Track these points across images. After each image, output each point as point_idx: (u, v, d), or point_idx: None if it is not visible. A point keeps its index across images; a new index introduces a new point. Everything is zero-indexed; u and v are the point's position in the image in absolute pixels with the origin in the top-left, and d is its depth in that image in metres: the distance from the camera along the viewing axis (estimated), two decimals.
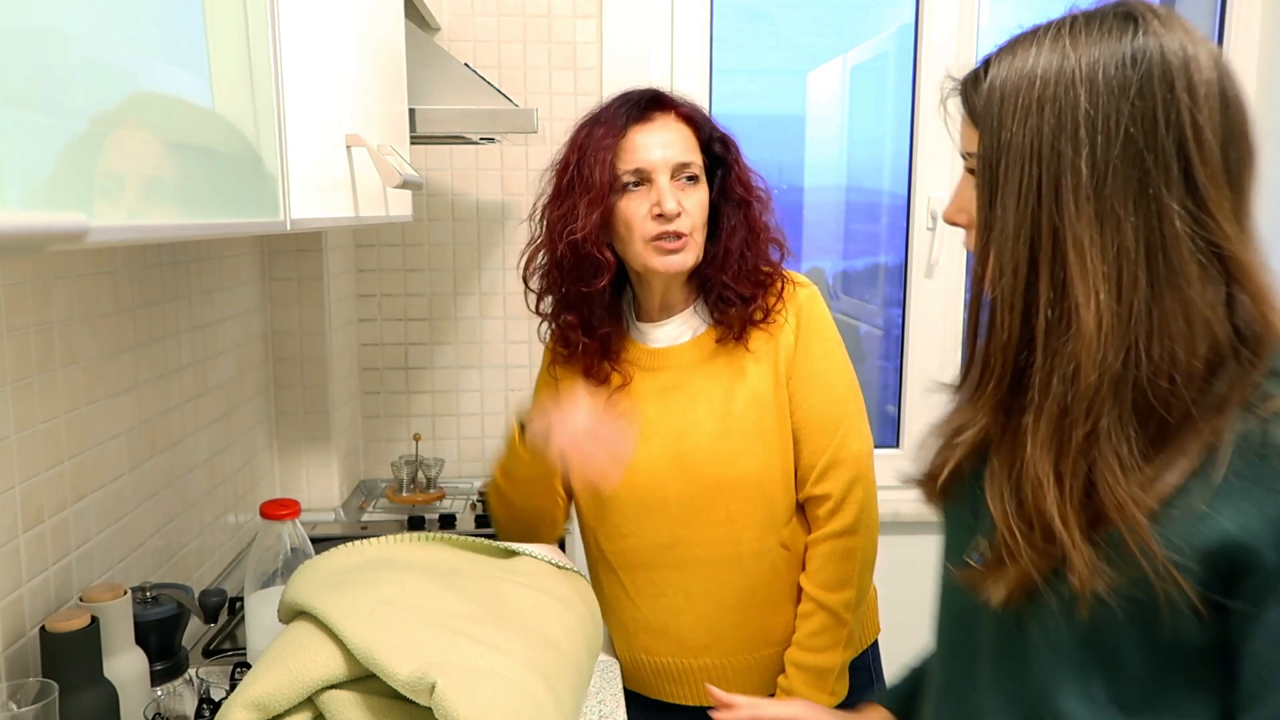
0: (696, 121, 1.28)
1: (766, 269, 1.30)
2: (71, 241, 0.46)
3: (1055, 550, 0.75)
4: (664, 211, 1.21)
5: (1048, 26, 0.76)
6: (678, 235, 1.23)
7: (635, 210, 1.23)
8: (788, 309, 1.29)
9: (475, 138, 1.81)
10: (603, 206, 1.22)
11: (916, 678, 1.04)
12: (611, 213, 1.24)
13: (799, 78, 2.55)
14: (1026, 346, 0.77)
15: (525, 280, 1.33)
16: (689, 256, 1.25)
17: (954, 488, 0.88)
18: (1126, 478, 0.73)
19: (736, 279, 1.27)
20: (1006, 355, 0.78)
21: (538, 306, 1.34)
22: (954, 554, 0.88)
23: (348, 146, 1.01)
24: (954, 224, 0.86)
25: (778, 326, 1.29)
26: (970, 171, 0.81)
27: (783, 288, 1.30)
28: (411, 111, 1.45)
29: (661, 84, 1.39)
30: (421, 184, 1.23)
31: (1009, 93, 0.75)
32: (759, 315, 1.28)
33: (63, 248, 0.49)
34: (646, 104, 1.26)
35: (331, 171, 0.95)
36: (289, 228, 0.82)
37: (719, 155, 1.29)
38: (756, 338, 1.29)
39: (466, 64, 1.76)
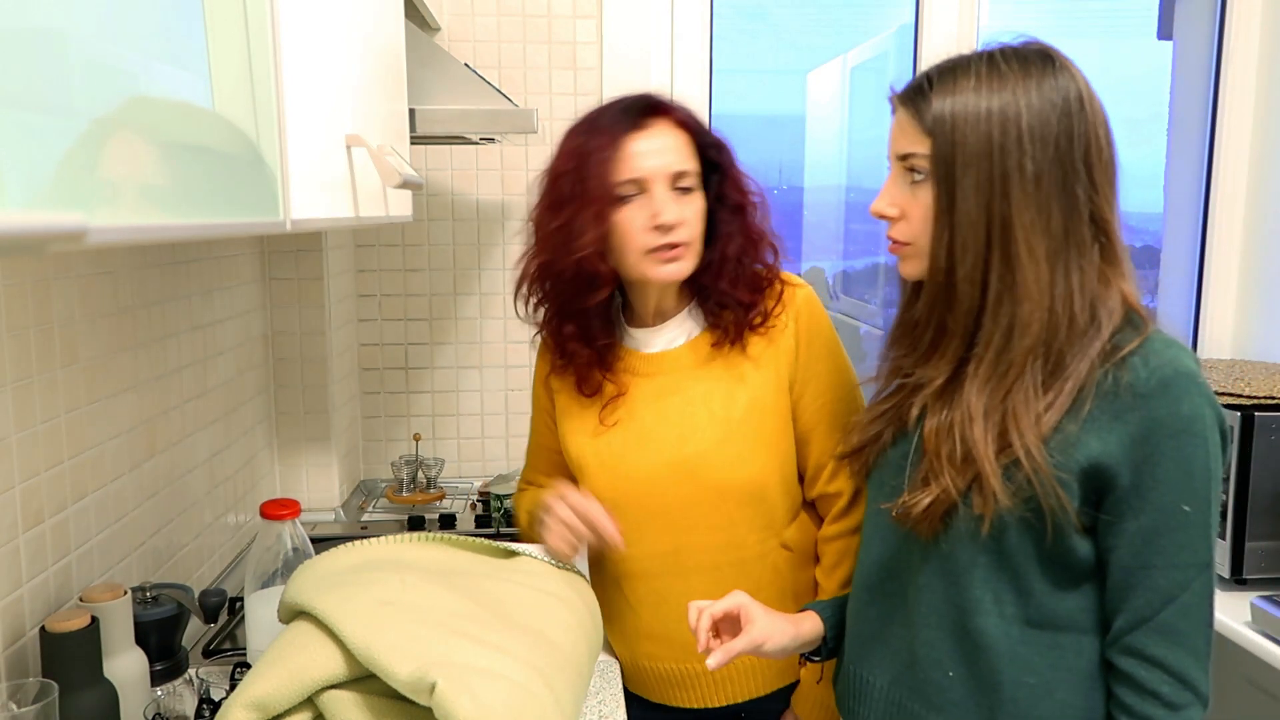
0: (691, 127, 1.25)
1: (762, 272, 1.29)
2: (71, 242, 0.46)
3: (971, 470, 0.94)
4: (663, 223, 1.19)
5: (979, 56, 0.95)
6: (675, 245, 1.20)
7: (632, 221, 1.20)
8: (786, 312, 1.28)
9: (475, 138, 1.81)
10: (606, 222, 1.19)
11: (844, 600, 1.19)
12: (609, 225, 1.21)
13: (799, 78, 2.55)
14: (978, 311, 0.95)
15: (519, 290, 1.29)
16: (686, 265, 1.23)
17: (879, 459, 1.07)
18: (1029, 411, 0.93)
19: (734, 284, 1.25)
20: (967, 320, 0.96)
21: (533, 316, 1.31)
22: (887, 501, 1.04)
23: (348, 146, 1.01)
24: (883, 217, 1.01)
25: (777, 330, 1.27)
26: (910, 170, 0.97)
27: (781, 290, 1.28)
28: (411, 111, 1.45)
29: (662, 84, 1.38)
30: (421, 184, 1.23)
31: (960, 106, 0.92)
32: (758, 320, 1.27)
33: (63, 248, 0.49)
34: (642, 110, 1.23)
35: (331, 171, 0.95)
36: (289, 228, 0.82)
37: (714, 160, 1.26)
38: (755, 342, 1.27)
39: (466, 64, 1.76)
